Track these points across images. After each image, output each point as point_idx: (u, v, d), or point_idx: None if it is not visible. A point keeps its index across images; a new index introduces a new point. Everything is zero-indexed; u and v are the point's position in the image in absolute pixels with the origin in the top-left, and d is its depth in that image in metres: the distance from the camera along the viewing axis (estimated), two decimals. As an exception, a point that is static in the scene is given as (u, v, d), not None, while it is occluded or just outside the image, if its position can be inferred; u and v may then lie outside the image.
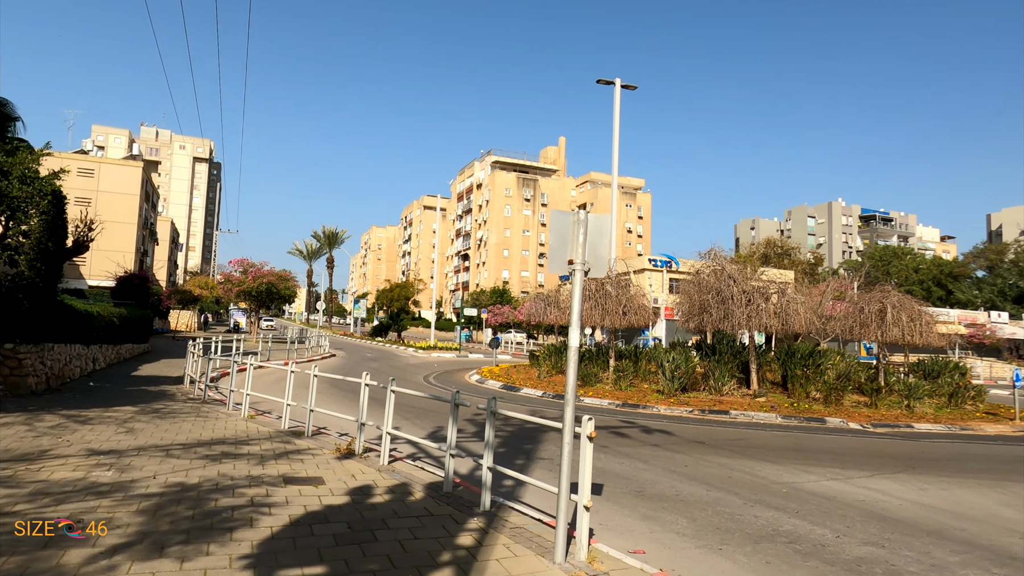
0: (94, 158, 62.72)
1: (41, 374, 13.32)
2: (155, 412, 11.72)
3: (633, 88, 24.58)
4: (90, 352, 17.57)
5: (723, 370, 18.49)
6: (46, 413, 10.75)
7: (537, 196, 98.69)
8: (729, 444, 12.24)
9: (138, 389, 15.32)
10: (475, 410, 13.83)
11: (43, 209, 12.32)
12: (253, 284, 42.44)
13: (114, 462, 7.63)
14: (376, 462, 8.59)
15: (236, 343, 24.31)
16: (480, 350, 48.63)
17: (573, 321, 5.34)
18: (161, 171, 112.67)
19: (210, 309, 69.39)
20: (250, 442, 9.47)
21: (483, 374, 23.87)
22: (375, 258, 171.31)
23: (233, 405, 12.76)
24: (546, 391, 19.43)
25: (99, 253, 53.75)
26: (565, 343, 25.58)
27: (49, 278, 12.74)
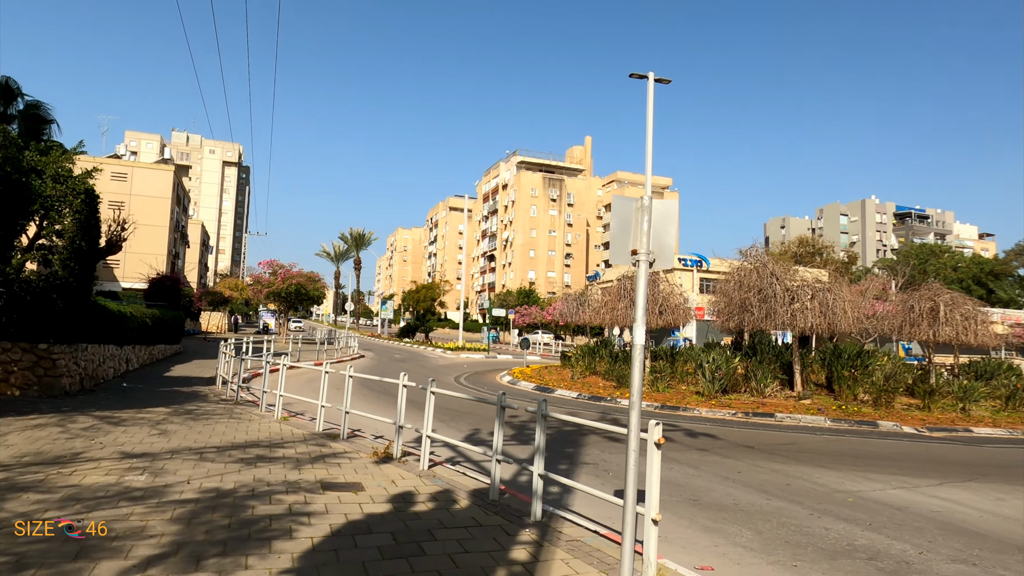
0: (127, 162, 63.76)
1: (75, 375, 13.23)
2: (188, 413, 11.52)
3: (667, 82, 23.96)
4: (123, 353, 17.55)
5: (765, 371, 17.83)
6: (79, 414, 10.59)
7: (563, 196, 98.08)
8: (780, 449, 11.65)
9: (171, 390, 15.21)
10: (516, 412, 13.49)
11: (76, 208, 12.21)
12: (282, 285, 42.62)
13: (147, 465, 7.37)
14: (415, 466, 8.22)
15: (266, 344, 24.25)
16: (508, 351, 48.25)
17: (638, 316, 4.89)
18: (192, 175, 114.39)
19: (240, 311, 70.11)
20: (285, 445, 9.17)
21: (515, 375, 23.46)
22: (401, 259, 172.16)
23: (266, 406, 12.52)
24: (580, 392, 18.94)
25: (132, 256, 54.59)
26: (600, 343, 25.06)
27: (82, 278, 12.64)
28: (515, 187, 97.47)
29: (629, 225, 5.04)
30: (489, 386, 21.38)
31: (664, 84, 24.00)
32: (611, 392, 18.77)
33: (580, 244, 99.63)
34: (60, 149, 13.15)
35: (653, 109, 23.65)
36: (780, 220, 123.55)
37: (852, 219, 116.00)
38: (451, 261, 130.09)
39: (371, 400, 15.53)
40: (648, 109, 23.64)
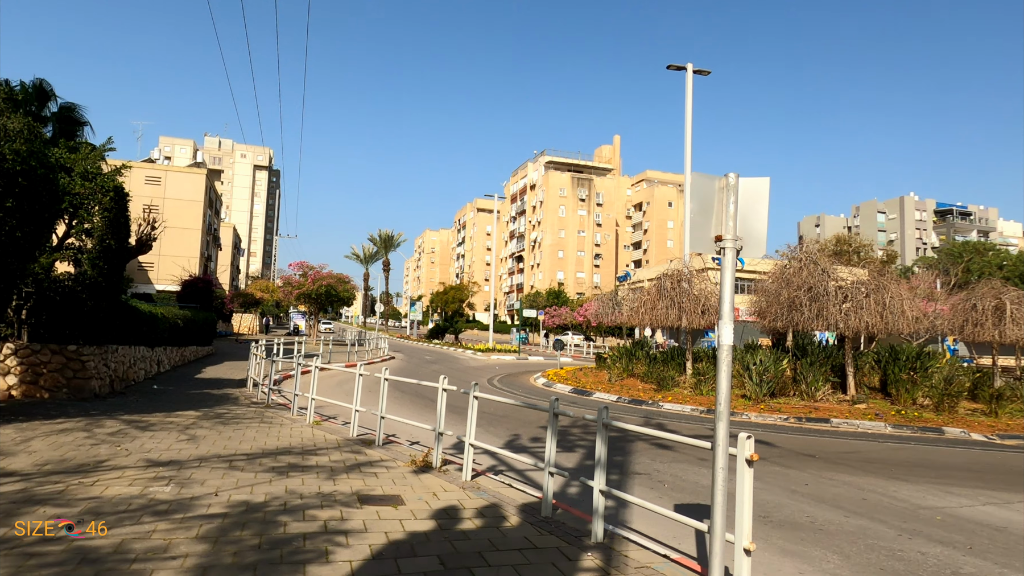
0: (161, 166, 64.63)
1: (104, 376, 12.95)
2: (218, 417, 11.11)
3: (706, 73, 23.11)
4: (154, 354, 17.33)
5: (816, 374, 16.90)
6: (107, 418, 10.23)
7: (592, 196, 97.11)
8: (843, 458, 10.81)
9: (201, 392, 14.89)
10: (548, 416, 12.80)
11: (105, 206, 11.91)
12: (312, 287, 42.56)
13: (173, 475, 6.90)
14: (457, 477, 7.64)
15: (297, 345, 23.97)
16: (538, 352, 47.57)
17: (724, 313, 4.23)
18: (224, 179, 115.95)
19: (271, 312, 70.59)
20: (318, 452, 8.66)
21: (549, 377, 22.81)
22: (428, 261, 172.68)
23: (298, 410, 12.07)
24: (620, 395, 18.21)
25: (166, 258, 55.29)
26: (636, 344, 24.27)
27: (112, 277, 12.34)
28: (543, 187, 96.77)
29: (710, 207, 4.38)
30: (523, 388, 20.76)
31: (703, 75, 23.17)
32: (652, 395, 18.00)
33: (609, 244, 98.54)
34: (89, 146, 12.90)
35: (692, 102, 22.85)
36: (814, 219, 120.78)
37: (890, 217, 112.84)
38: (479, 262, 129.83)
39: (405, 404, 15.02)
40: (687, 101, 22.83)
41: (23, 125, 8.88)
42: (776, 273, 19.81)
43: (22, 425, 9.13)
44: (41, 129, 9.30)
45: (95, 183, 11.82)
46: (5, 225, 8.39)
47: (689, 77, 22.86)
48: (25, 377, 11.72)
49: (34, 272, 11.60)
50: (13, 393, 11.66)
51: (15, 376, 11.68)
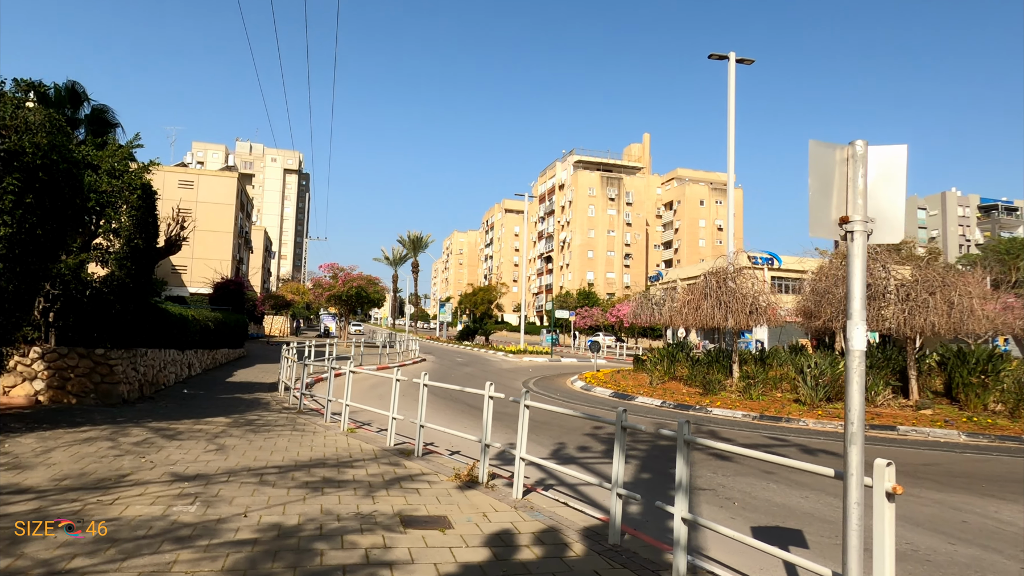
0: (193, 170, 65.29)
1: (133, 381, 12.54)
2: (248, 425, 10.58)
3: (749, 62, 22.11)
4: (185, 357, 16.98)
5: (876, 377, 15.84)
6: (134, 426, 9.75)
7: (622, 195, 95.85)
8: (924, 471, 9.85)
9: (232, 397, 14.44)
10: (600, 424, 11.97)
11: (132, 204, 11.49)
12: (343, 288, 42.32)
13: (200, 492, 6.31)
14: (506, 493, 6.94)
15: (328, 347, 23.56)
16: (570, 354, 46.73)
17: (854, 311, 3.45)
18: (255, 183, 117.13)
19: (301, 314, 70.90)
20: (354, 464, 8.04)
21: (587, 380, 22.00)
22: (457, 263, 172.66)
23: (331, 416, 11.50)
24: (664, 400, 17.33)
25: (198, 261, 55.68)
26: (677, 346, 23.35)
27: (140, 279, 11.92)
28: (572, 187, 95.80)
29: (830, 184, 3.60)
30: (561, 392, 20.00)
31: (746, 64, 22.17)
32: (698, 400, 17.10)
33: (639, 244, 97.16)
34: (116, 144, 12.52)
35: (735, 93, 21.89)
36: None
37: (931, 213, 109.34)
38: (507, 263, 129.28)
39: (441, 409, 14.37)
40: (730, 92, 21.89)
41: (44, 117, 8.44)
42: (828, 270, 18.78)
43: (45, 434, 8.68)
44: (63, 122, 8.84)
45: (122, 181, 11.40)
46: (25, 223, 7.93)
47: (732, 67, 21.89)
48: (52, 382, 11.35)
49: (60, 273, 11.23)
50: (40, 398, 11.29)
51: (42, 381, 11.31)
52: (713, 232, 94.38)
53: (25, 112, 8.28)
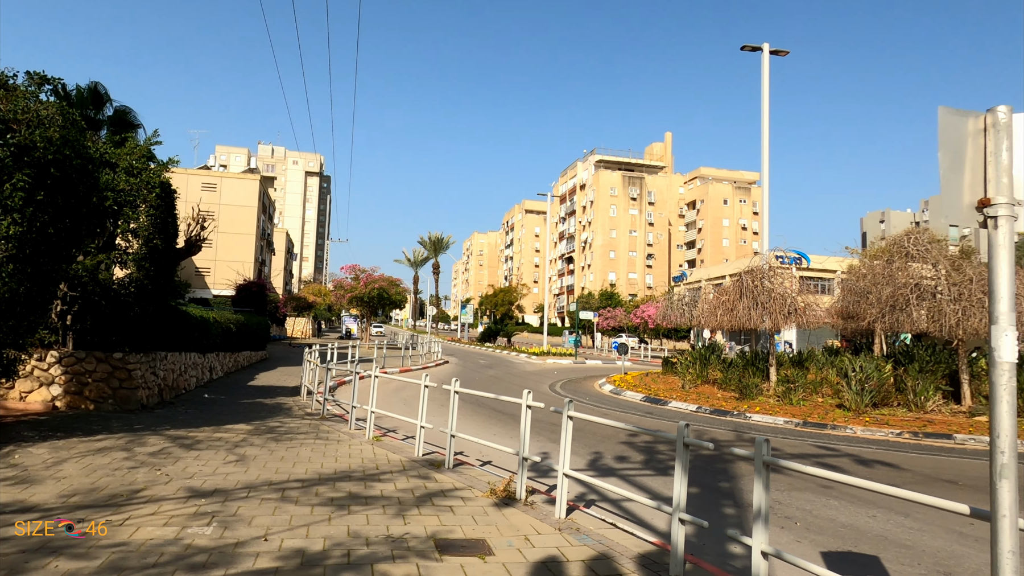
0: (216, 173, 65.63)
1: (153, 386, 12.17)
2: (270, 432, 10.12)
3: (784, 53, 21.29)
4: (206, 361, 16.64)
5: (926, 382, 15.00)
6: (151, 434, 9.33)
7: (644, 195, 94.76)
8: (995, 485, 9.07)
9: (253, 402, 14.03)
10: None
11: (151, 203, 11.10)
12: (365, 290, 42.05)
13: (217, 510, 5.82)
14: (547, 512, 6.35)
15: (351, 350, 23.17)
16: (594, 355, 46.01)
17: (1000, 314, 2.81)
18: (277, 186, 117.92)
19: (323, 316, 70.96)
20: (381, 476, 7.50)
21: (616, 384, 21.33)
22: (477, 264, 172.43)
23: (355, 423, 11.00)
24: (699, 405, 16.62)
25: (221, 264, 55.88)
26: (708, 348, 22.58)
27: (159, 280, 11.54)
28: (593, 187, 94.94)
29: (963, 160, 2.97)
30: (590, 396, 19.36)
31: (781, 56, 21.35)
32: (735, 404, 16.36)
33: (662, 244, 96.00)
34: (134, 141, 12.15)
35: (769, 85, 21.09)
36: (879, 214, 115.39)
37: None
38: (527, 264, 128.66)
39: (469, 415, 13.82)
40: (763, 84, 21.09)
41: (57, 111, 8.03)
42: (869, 269, 17.95)
43: (58, 443, 8.27)
44: (77, 116, 8.43)
45: (140, 179, 11.02)
46: (36, 221, 7.52)
47: (765, 58, 21.08)
48: (70, 387, 11.00)
49: (78, 275, 10.88)
50: (58, 404, 10.94)
51: (59, 386, 10.96)
52: (737, 231, 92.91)
53: (37, 106, 7.88)
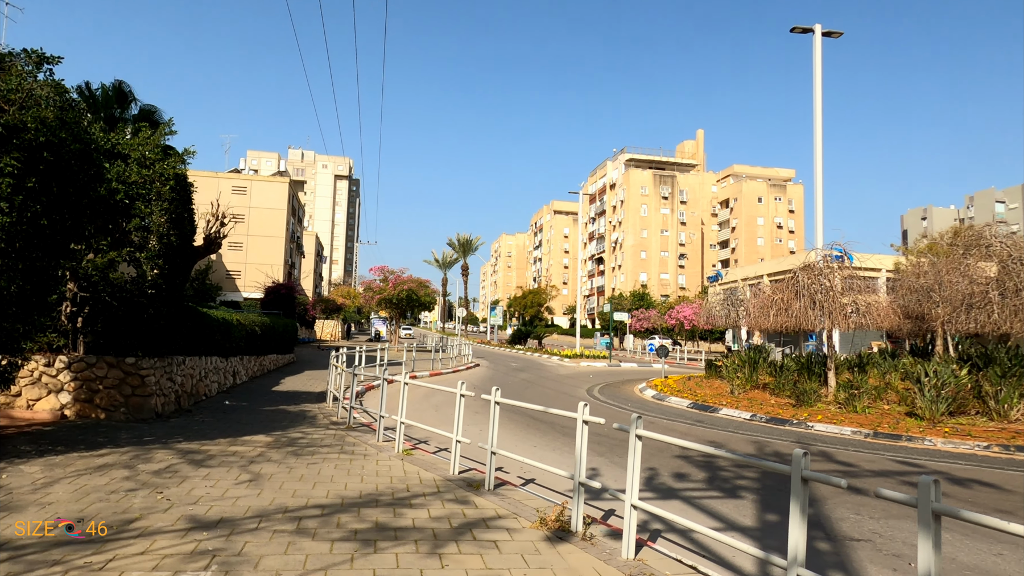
0: (246, 176, 65.84)
1: (169, 392, 11.39)
2: (290, 445, 9.22)
3: (837, 35, 19.89)
4: (229, 365, 15.90)
5: (1011, 388, 13.56)
6: (160, 448, 8.49)
7: (675, 193, 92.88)
8: None
9: (276, 409, 13.19)
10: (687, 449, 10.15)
11: (165, 197, 10.32)
12: (393, 291, 41.36)
13: (219, 547, 4.88)
14: (610, 549, 5.29)
15: (380, 352, 22.37)
16: (628, 358, 44.69)
17: None
18: (306, 189, 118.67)
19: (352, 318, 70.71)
20: (413, 501, 6.52)
21: (658, 388, 20.11)
22: (505, 266, 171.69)
23: (383, 434, 10.06)
24: (753, 412, 15.35)
25: (251, 266, 55.88)
26: (755, 351, 21.24)
27: (174, 279, 10.75)
28: (623, 186, 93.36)
29: None
30: (631, 402, 18.21)
31: (834, 38, 19.96)
32: (792, 412, 15.07)
33: (695, 244, 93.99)
34: (148, 131, 11.41)
35: (821, 70, 19.73)
36: (920, 211, 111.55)
37: (1011, 207, 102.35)
38: (556, 266, 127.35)
39: (504, 424, 12.79)
40: (815, 69, 19.73)
41: (53, 90, 7.24)
42: (937, 266, 16.52)
43: (55, 459, 7.46)
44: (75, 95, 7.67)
45: (153, 171, 10.24)
46: (27, 211, 6.71)
47: (817, 40, 19.71)
48: (79, 394, 10.26)
49: (88, 273, 10.15)
50: (67, 413, 10.22)
51: (68, 393, 10.23)
52: (772, 230, 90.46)
53: (31, 84, 7.09)
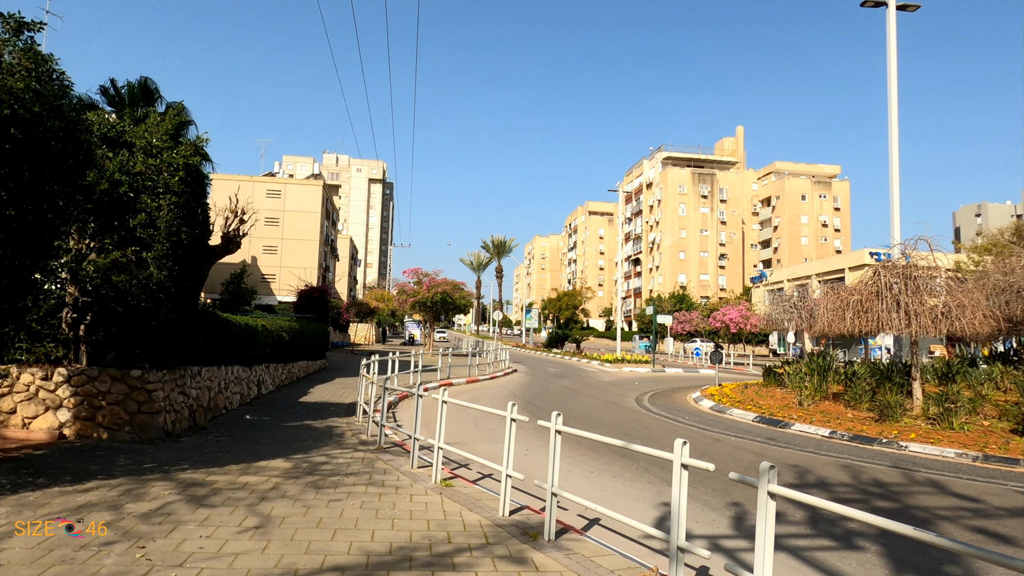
0: (280, 179, 65.75)
1: (181, 408, 10.25)
2: (311, 473, 7.93)
3: (914, 8, 17.99)
4: (253, 375, 14.79)
5: None
6: (159, 478, 7.26)
7: (715, 192, 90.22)
8: None
9: (300, 425, 11.97)
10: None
11: (173, 189, 9.16)
12: (427, 294, 40.24)
13: (196, 646, 3.55)
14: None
15: (413, 357, 21.14)
16: (671, 363, 42.80)
17: None
18: (341, 194, 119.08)
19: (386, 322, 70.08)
20: (456, 559, 5.12)
21: (715, 399, 18.40)
22: (539, 268, 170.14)
23: (418, 458, 8.71)
24: (831, 428, 13.59)
25: (286, 270, 55.57)
26: (819, 355, 19.39)
27: (184, 281, 9.60)
28: (661, 185, 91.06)
29: None
30: (687, 413, 16.57)
31: (910, 12, 18.06)
32: (877, 429, 13.27)
33: (735, 243, 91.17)
34: (157, 115, 10.30)
35: (896, 48, 17.82)
36: (974, 207, 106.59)
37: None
38: (591, 267, 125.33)
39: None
40: (889, 45, 17.84)
41: (27, 57, 6.07)
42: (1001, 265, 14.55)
43: (30, 496, 6.27)
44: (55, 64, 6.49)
45: (160, 160, 9.10)
46: (-13, 198, 5.54)
47: (892, 15, 17.83)
48: (80, 412, 9.16)
49: (88, 276, 9.05)
50: (66, 432, 9.12)
51: (68, 410, 9.14)
52: (817, 229, 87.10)
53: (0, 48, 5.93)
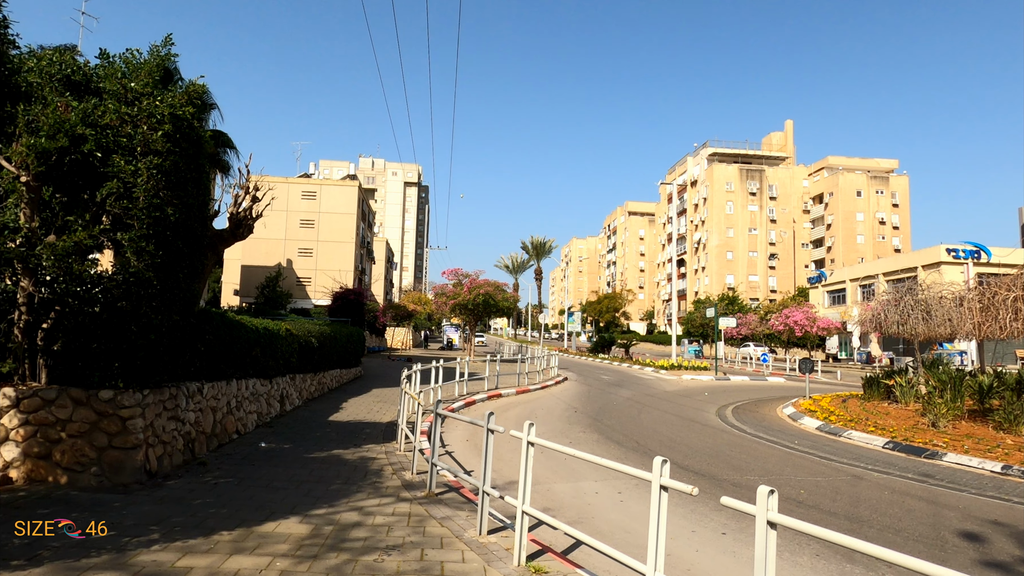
0: (316, 180, 64.26)
1: (173, 437, 7.87)
2: (335, 548, 5.42)
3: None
4: (275, 388, 12.44)
5: None
6: (104, 565, 4.83)
7: (764, 189, 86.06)
8: None
9: (327, 456, 9.50)
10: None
11: (156, 147, 6.82)
12: (469, 296, 37.77)
13: None
14: None
15: (458, 366, 18.67)
16: (732, 369, 39.52)
17: None
18: (377, 197, 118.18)
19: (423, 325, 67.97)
20: None
21: (818, 415, 15.44)
22: (576, 270, 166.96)
23: (488, 518, 6.15)
24: (1002, 462, 10.58)
25: (321, 273, 53.88)
26: (933, 364, 16.26)
27: (174, 272, 7.21)
28: (706, 182, 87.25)
29: None
30: (786, 433, 13.71)
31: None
32: (1062, 461, 10.24)
33: (786, 242, 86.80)
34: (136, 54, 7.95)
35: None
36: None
37: None
38: (632, 269, 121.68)
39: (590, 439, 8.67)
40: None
41: None
42: None
43: None
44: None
45: (136, 108, 6.76)
46: None
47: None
48: (32, 447, 6.84)
49: (41, 265, 6.77)
50: (12, 474, 6.80)
51: (16, 445, 6.83)
52: (874, 226, 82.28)
53: None
